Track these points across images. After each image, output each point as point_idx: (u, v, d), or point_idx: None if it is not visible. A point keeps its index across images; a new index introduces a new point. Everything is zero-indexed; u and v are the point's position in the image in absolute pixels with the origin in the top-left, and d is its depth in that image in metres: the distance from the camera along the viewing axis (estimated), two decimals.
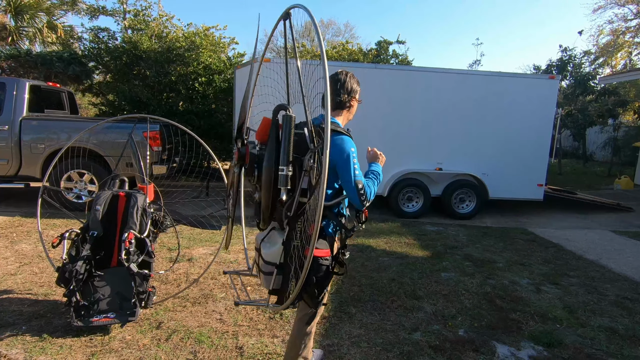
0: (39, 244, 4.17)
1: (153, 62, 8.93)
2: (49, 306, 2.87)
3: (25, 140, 5.63)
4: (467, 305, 3.20)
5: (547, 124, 6.56)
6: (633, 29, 18.10)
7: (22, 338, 2.46)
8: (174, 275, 3.56)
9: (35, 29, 11.16)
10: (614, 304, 3.37)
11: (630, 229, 6.17)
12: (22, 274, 3.42)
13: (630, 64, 18.86)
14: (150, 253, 2.83)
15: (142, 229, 2.87)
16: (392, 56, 11.48)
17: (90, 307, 2.58)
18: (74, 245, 2.74)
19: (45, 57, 9.20)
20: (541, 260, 4.46)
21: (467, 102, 6.36)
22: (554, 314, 3.10)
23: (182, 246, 4.34)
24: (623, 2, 17.45)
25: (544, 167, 6.66)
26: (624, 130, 14.30)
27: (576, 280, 3.89)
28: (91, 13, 13.56)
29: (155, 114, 8.09)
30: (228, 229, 2.17)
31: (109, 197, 2.95)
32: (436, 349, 2.54)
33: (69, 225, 4.78)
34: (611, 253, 4.87)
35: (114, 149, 5.59)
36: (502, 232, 5.68)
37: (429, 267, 4.03)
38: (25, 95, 5.72)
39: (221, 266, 3.84)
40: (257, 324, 2.77)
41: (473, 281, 3.72)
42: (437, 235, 5.40)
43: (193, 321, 2.78)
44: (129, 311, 2.63)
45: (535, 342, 2.69)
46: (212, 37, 9.85)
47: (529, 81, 6.75)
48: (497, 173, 6.47)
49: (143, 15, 10.15)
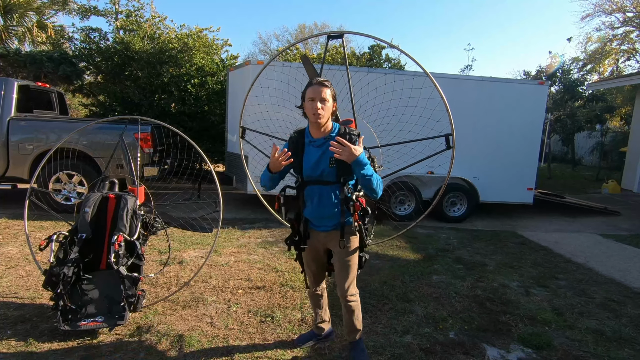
0: (25, 246, 4.10)
1: (145, 63, 8.87)
2: (35, 310, 2.82)
3: (13, 140, 5.54)
4: (458, 308, 3.22)
5: (537, 129, 6.66)
6: (620, 36, 18.50)
7: (7, 343, 2.41)
8: (164, 279, 3.52)
9: (25, 28, 11.03)
10: (601, 306, 3.42)
11: (617, 233, 6.28)
12: (7, 277, 3.36)
13: (618, 71, 19.26)
14: (140, 256, 2.79)
15: (132, 232, 2.83)
16: (384, 60, 11.57)
17: (78, 311, 2.54)
18: (62, 248, 2.69)
19: (35, 57, 9.07)
20: (530, 263, 4.51)
21: (458, 106, 6.42)
22: (543, 317, 3.13)
23: (173, 249, 4.30)
24: (610, 11, 17.83)
25: (534, 171, 6.75)
26: (611, 135, 14.58)
27: (565, 283, 3.94)
28: (82, 13, 13.42)
29: (146, 116, 8.03)
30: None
31: (98, 199, 2.91)
32: (427, 351, 2.55)
33: (57, 228, 4.70)
34: (599, 256, 4.95)
35: (104, 150, 5.53)
36: (493, 235, 5.73)
37: (420, 270, 4.05)
38: (13, 95, 5.63)
39: (212, 269, 3.81)
40: (248, 328, 2.76)
41: (464, 284, 3.74)
42: (429, 238, 5.43)
43: (183, 325, 2.75)
44: (118, 315, 2.59)
45: (525, 344, 2.72)
46: (205, 38, 9.81)
47: (519, 86, 6.85)
48: (488, 177, 6.54)
49: (135, 16, 10.07)
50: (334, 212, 2.16)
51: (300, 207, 2.24)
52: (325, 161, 2.13)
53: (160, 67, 8.96)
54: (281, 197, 2.28)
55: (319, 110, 2.06)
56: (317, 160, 2.14)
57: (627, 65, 19.54)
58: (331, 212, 2.17)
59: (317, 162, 2.14)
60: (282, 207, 2.28)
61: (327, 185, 2.15)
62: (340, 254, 2.23)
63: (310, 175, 2.16)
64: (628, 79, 11.02)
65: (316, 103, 2.05)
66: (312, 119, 2.09)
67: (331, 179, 2.14)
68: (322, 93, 2.06)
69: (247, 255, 4.30)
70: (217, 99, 9.22)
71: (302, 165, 2.17)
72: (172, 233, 4.73)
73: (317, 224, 2.24)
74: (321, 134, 2.16)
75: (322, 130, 2.15)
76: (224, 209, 3.41)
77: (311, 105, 2.07)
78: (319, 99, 2.06)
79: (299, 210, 2.27)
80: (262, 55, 26.47)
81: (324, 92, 2.07)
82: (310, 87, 2.10)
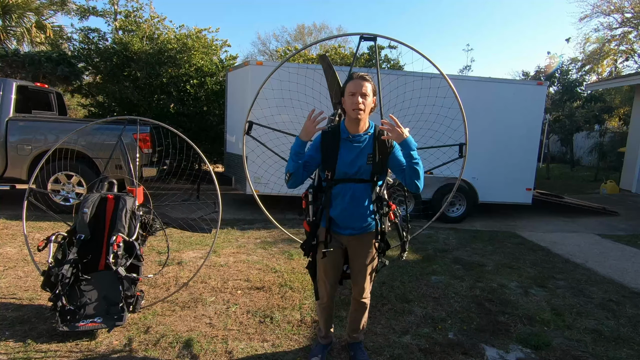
0: (24, 247, 4.09)
1: (144, 64, 8.86)
2: (33, 311, 2.81)
3: (12, 141, 5.53)
4: (457, 309, 3.23)
5: (536, 129, 6.67)
6: (618, 37, 18.54)
7: (5, 344, 2.40)
8: (163, 279, 3.52)
9: (24, 28, 10.99)
10: (600, 306, 3.43)
11: (616, 233, 6.29)
12: (6, 278, 3.35)
13: (616, 72, 19.30)
14: (139, 256, 2.79)
15: (131, 232, 2.83)
16: (384, 61, 11.58)
17: (76, 312, 2.53)
18: (61, 249, 2.69)
19: (34, 57, 9.06)
20: (529, 264, 4.51)
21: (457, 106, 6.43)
22: (542, 317, 3.14)
23: (172, 249, 4.29)
24: (608, 12, 17.88)
25: (533, 171, 6.76)
26: (610, 135, 14.61)
27: (563, 283, 3.95)
28: (81, 13, 13.37)
29: (145, 116, 8.02)
30: None
31: (97, 200, 2.91)
32: (426, 352, 2.55)
33: (55, 228, 4.69)
34: (597, 256, 4.96)
35: (103, 151, 5.52)
36: (492, 236, 5.74)
37: (419, 271, 4.05)
38: (12, 96, 5.62)
39: (211, 270, 3.81)
40: (247, 328, 2.76)
41: (463, 284, 3.75)
42: (428, 238, 5.43)
43: (182, 325, 2.75)
44: (117, 315, 2.59)
45: (523, 344, 2.72)
46: (204, 39, 9.81)
47: (517, 87, 6.86)
48: (487, 177, 6.55)
49: (134, 16, 10.06)
50: (366, 211, 2.12)
51: (326, 206, 2.12)
52: (363, 158, 2.07)
53: (159, 68, 8.95)
54: (309, 195, 2.21)
55: (359, 105, 2.00)
56: (355, 156, 2.08)
57: (625, 65, 19.60)
58: (363, 212, 2.12)
59: (354, 159, 2.07)
60: (310, 205, 2.19)
61: (361, 183, 2.09)
62: (364, 257, 2.19)
63: (346, 172, 2.08)
64: (626, 80, 11.05)
65: (357, 97, 2.00)
66: (352, 115, 2.03)
67: (366, 177, 2.09)
68: (363, 87, 2.01)
69: (246, 256, 4.30)
70: (216, 99, 9.22)
71: (337, 161, 2.09)
72: (171, 233, 4.72)
73: (343, 225, 2.15)
74: (359, 130, 2.09)
75: (360, 126, 2.09)
76: (223, 210, 3.41)
77: (352, 99, 2.01)
78: (360, 93, 2.01)
79: (319, 211, 2.16)
80: (261, 56, 26.49)
81: (365, 86, 2.02)
82: (352, 81, 2.05)
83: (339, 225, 2.16)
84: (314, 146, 2.15)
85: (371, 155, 2.07)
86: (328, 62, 3.27)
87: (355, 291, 2.30)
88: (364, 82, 2.03)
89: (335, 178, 2.10)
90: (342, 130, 2.12)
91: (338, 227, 2.16)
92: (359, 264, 2.23)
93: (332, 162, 2.09)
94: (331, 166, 2.09)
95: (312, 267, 2.29)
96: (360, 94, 2.01)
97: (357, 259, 2.23)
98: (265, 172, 4.61)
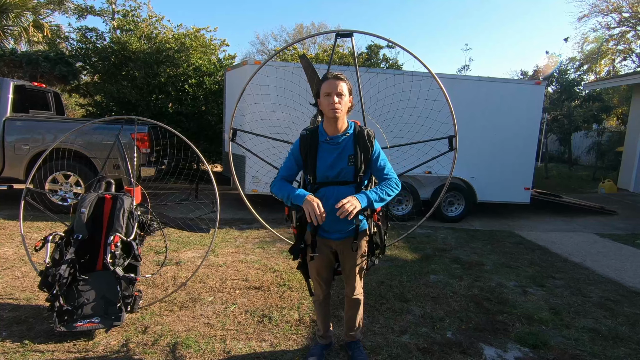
0: (21, 247, 4.07)
1: (142, 63, 8.83)
2: (31, 311, 2.80)
3: (9, 141, 5.51)
4: (455, 308, 3.23)
5: (534, 129, 6.68)
6: (616, 36, 18.59)
7: (2, 344, 2.39)
8: (161, 279, 3.51)
9: (21, 27, 10.94)
10: (598, 305, 3.44)
11: (614, 232, 6.30)
12: (3, 278, 3.34)
13: (614, 71, 19.36)
14: (137, 256, 2.78)
15: (129, 232, 2.82)
16: (382, 60, 11.58)
17: (74, 312, 2.52)
18: (58, 249, 2.67)
19: (31, 57, 9.02)
20: (527, 263, 4.52)
21: (455, 106, 6.44)
22: (540, 316, 3.14)
23: (170, 249, 4.29)
24: (606, 11, 17.92)
25: (531, 170, 6.77)
26: (608, 135, 14.64)
27: (561, 283, 3.95)
28: (79, 13, 13.34)
29: (143, 116, 8.00)
30: None
31: (94, 200, 2.90)
32: (424, 351, 2.55)
33: (53, 228, 4.68)
34: (595, 255, 4.97)
35: (101, 151, 5.50)
36: (490, 235, 5.75)
37: (417, 270, 4.05)
38: (9, 95, 5.60)
39: (209, 269, 3.80)
40: (246, 328, 2.75)
41: (461, 284, 3.75)
42: (426, 238, 5.44)
43: (180, 325, 2.74)
44: (114, 316, 2.58)
45: (522, 343, 2.73)
46: (203, 38, 9.79)
47: (516, 86, 6.87)
48: (485, 177, 6.56)
49: (132, 15, 10.03)
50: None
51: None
52: (343, 160, 2.03)
53: (157, 67, 8.93)
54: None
55: (336, 105, 1.96)
56: (335, 159, 2.04)
57: (623, 65, 19.68)
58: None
59: (334, 161, 2.04)
60: (293, 211, 2.10)
61: (344, 185, 2.05)
62: (353, 258, 2.18)
63: (327, 176, 2.04)
64: (624, 79, 11.08)
65: (333, 97, 1.97)
66: (329, 114, 1.99)
67: (349, 179, 2.05)
68: (338, 87, 1.98)
69: (245, 256, 4.29)
70: (214, 99, 9.21)
71: (317, 166, 2.05)
72: (169, 233, 4.71)
73: (330, 229, 2.11)
74: (337, 131, 2.05)
75: (338, 126, 2.04)
76: (221, 209, 3.41)
77: (327, 100, 1.98)
78: (335, 93, 1.97)
79: (303, 217, 2.09)
80: (260, 55, 26.45)
81: (340, 86, 1.99)
82: (326, 81, 2.01)
83: (326, 230, 2.12)
84: (292, 155, 2.12)
85: (352, 157, 2.03)
86: (307, 60, 3.34)
87: (348, 289, 2.32)
88: (338, 81, 2.00)
89: (317, 182, 2.07)
90: (321, 133, 2.07)
91: (325, 232, 2.13)
92: (349, 265, 2.23)
93: (312, 166, 2.05)
94: (312, 170, 2.06)
95: (304, 267, 2.28)
96: (336, 94, 1.97)
97: (348, 261, 2.22)
98: (265, 172, 4.61)
